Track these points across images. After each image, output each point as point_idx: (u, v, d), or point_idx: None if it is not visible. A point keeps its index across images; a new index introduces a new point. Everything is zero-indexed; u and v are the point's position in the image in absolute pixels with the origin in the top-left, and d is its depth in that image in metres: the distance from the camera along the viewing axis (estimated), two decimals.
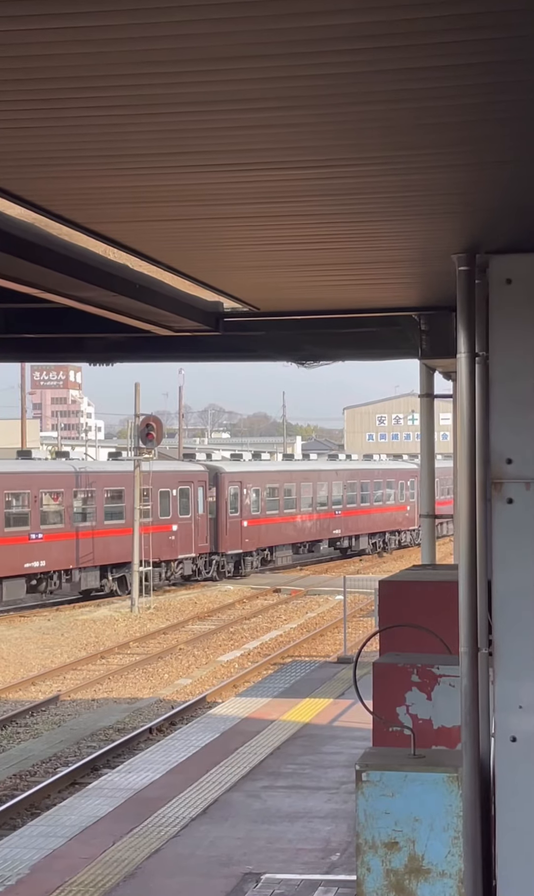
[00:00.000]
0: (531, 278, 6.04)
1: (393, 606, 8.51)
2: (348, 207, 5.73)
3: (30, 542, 33.05)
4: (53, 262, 7.00)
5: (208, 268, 7.55)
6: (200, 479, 41.45)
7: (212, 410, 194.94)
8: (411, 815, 6.24)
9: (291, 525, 47.79)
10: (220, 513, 42.05)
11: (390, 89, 3.91)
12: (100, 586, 36.31)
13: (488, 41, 3.48)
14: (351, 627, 25.56)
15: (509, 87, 3.92)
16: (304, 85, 3.87)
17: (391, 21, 3.31)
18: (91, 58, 3.61)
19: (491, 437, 6.07)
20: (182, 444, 63.74)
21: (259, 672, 23.08)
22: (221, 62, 3.63)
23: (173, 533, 39.21)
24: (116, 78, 3.81)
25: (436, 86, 3.90)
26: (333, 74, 3.76)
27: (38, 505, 33.69)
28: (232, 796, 11.19)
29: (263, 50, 3.54)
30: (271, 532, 45.64)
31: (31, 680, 23.30)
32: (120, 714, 20.26)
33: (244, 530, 43.35)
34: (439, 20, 3.31)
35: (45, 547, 33.50)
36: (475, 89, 3.93)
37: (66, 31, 3.38)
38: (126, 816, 10.56)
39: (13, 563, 32.27)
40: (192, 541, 40.31)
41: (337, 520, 51.39)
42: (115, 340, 11.36)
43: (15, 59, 3.60)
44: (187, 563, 40.60)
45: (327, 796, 11.16)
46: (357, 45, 3.49)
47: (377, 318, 10.63)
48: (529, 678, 5.96)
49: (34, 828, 10.38)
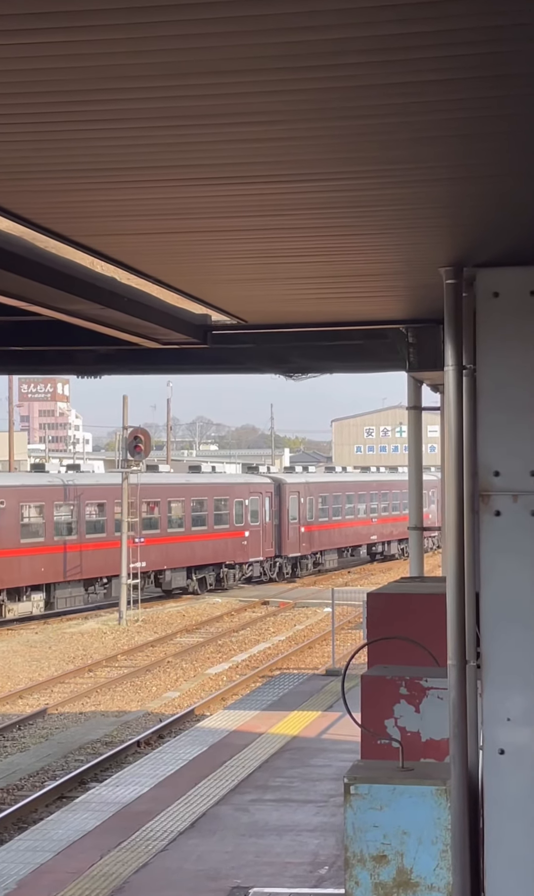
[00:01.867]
0: (518, 292, 6.06)
1: (381, 619, 8.51)
2: (336, 221, 5.75)
3: (134, 546, 37.14)
4: (41, 275, 7.00)
5: (196, 280, 7.57)
6: (267, 490, 46.93)
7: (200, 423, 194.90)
8: (400, 828, 6.23)
9: (338, 531, 52.90)
10: (282, 519, 47.34)
11: (379, 104, 3.93)
12: (185, 585, 41.29)
13: (477, 56, 3.50)
14: (339, 640, 25.54)
15: (497, 102, 3.95)
16: (293, 99, 3.88)
17: (379, 36, 3.32)
18: (80, 72, 3.61)
19: (479, 450, 6.09)
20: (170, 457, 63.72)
21: (247, 685, 23.04)
22: (209, 76, 3.65)
23: (245, 538, 44.55)
24: (105, 92, 3.82)
25: (425, 100, 3.92)
26: (323, 89, 3.78)
27: (140, 513, 38.16)
28: (220, 810, 11.17)
29: (252, 64, 3.56)
30: (322, 537, 51.08)
31: (18, 693, 23.22)
32: (108, 727, 20.20)
33: (301, 535, 48.84)
34: (426, 36, 3.33)
35: (145, 550, 38.07)
36: (464, 104, 3.95)
37: (54, 45, 3.39)
38: (114, 830, 10.52)
39: (118, 564, 36.04)
40: (260, 545, 45.56)
41: (373, 527, 56.15)
42: (103, 353, 11.36)
43: (2, 72, 3.61)
44: (256, 566, 45.62)
45: (316, 809, 11.14)
46: (346, 59, 3.51)
47: (365, 331, 10.66)
48: (517, 690, 5.96)
49: (21, 842, 10.33)
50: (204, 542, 41.89)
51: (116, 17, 3.19)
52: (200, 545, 41.70)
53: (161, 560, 39.60)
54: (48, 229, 5.93)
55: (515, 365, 6.04)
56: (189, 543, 41.21)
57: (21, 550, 33.91)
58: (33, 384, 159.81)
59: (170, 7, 3.12)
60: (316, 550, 50.58)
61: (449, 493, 6.27)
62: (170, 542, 40.28)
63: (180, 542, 40.79)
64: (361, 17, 3.20)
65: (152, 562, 38.91)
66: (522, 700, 5.96)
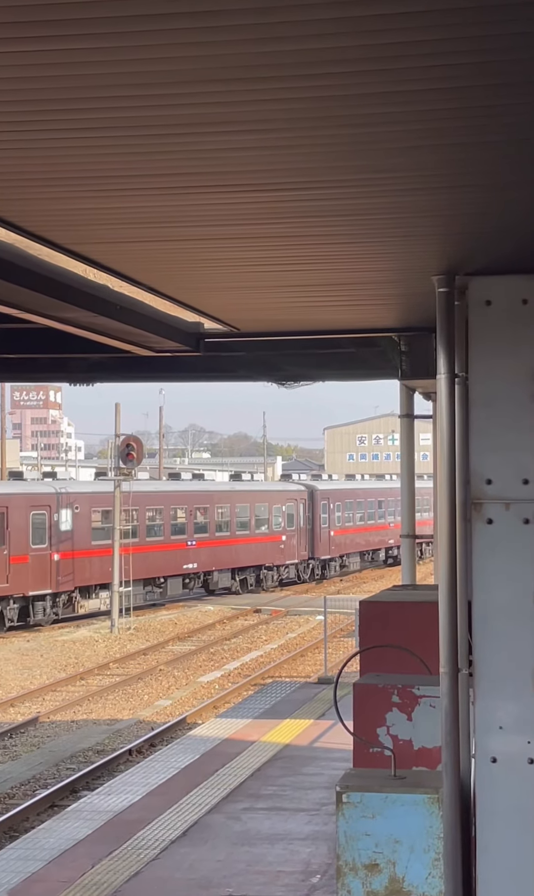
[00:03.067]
0: (510, 300, 6.07)
1: (373, 627, 8.51)
2: (329, 229, 5.76)
3: (186, 548, 41.92)
4: (34, 283, 7.00)
5: (189, 288, 7.57)
6: (301, 497, 50.71)
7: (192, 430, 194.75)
8: (392, 837, 6.23)
9: (360, 536, 56.31)
10: (315, 524, 51.19)
11: (374, 113, 3.94)
12: (229, 586, 44.64)
13: (472, 66, 3.51)
14: (331, 648, 25.52)
15: (492, 111, 3.96)
16: (287, 108, 3.89)
17: (374, 45, 3.33)
18: (74, 80, 3.62)
19: (471, 458, 6.09)
20: (163, 464, 63.70)
21: (239, 693, 23.01)
22: (204, 85, 3.65)
23: (283, 542, 48.26)
24: (97, 100, 3.82)
25: (419, 109, 3.93)
26: (317, 98, 3.79)
27: (192, 518, 42.41)
28: (212, 818, 11.14)
29: (247, 73, 3.57)
30: (347, 541, 54.81)
31: (10, 701, 23.17)
32: (99, 736, 20.16)
33: (331, 539, 52.67)
34: (422, 45, 3.34)
35: (196, 552, 42.41)
36: (459, 113, 3.96)
37: (49, 53, 3.39)
38: (105, 839, 10.50)
39: (174, 565, 40.99)
40: (296, 548, 49.43)
41: (390, 531, 57.94)
42: (96, 361, 11.36)
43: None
44: (292, 568, 49.28)
45: (308, 818, 11.12)
46: (341, 69, 3.52)
47: (358, 339, 10.67)
48: (509, 699, 5.96)
49: (12, 851, 10.30)
50: (247, 545, 45.43)
51: (112, 25, 3.19)
52: (244, 548, 45.23)
53: (210, 562, 43.00)
54: (41, 237, 5.93)
55: (507, 373, 6.05)
56: (234, 546, 44.67)
57: (92, 552, 36.72)
58: (25, 392, 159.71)
59: (166, 16, 3.13)
60: (342, 553, 54.18)
61: (441, 502, 6.27)
62: (217, 545, 43.59)
63: (226, 545, 44.17)
64: (357, 27, 3.21)
65: (203, 563, 42.51)
66: (514, 708, 5.96)
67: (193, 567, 41.78)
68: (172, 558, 40.47)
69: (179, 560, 41.18)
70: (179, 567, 41.12)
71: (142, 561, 38.53)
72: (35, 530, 34.72)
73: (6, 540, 33.55)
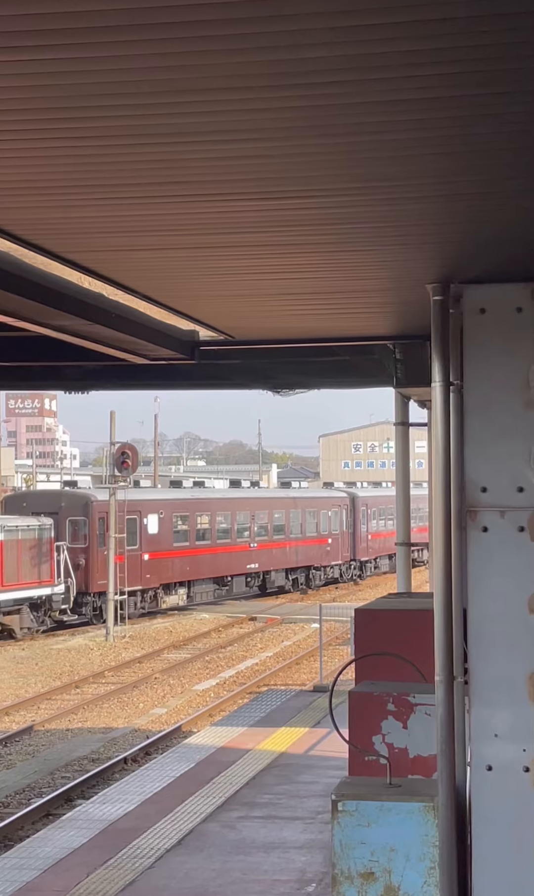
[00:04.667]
0: (504, 308, 6.08)
1: (369, 635, 8.50)
2: (324, 237, 5.77)
3: (250, 550, 46.46)
4: (29, 291, 7.00)
5: (184, 296, 7.58)
6: (344, 503, 55.35)
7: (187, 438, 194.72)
8: (388, 845, 6.22)
9: (390, 539, 61.77)
10: (357, 528, 55.73)
11: (369, 121, 3.95)
12: (283, 584, 48.68)
13: (468, 74, 3.52)
14: (327, 656, 25.50)
15: (484, 120, 3.97)
16: (282, 117, 3.90)
17: (370, 54, 3.34)
18: (69, 89, 3.62)
19: (466, 466, 6.10)
20: (158, 472, 63.67)
21: (235, 701, 22.98)
22: (198, 94, 3.66)
23: (329, 545, 52.82)
24: (92, 109, 3.83)
25: (415, 118, 3.94)
26: (312, 107, 3.80)
27: (254, 522, 46.93)
28: (207, 827, 11.12)
29: (242, 82, 3.57)
30: (379, 545, 58.43)
31: (4, 710, 23.13)
32: (94, 744, 20.13)
33: (369, 542, 57.32)
34: (414, 54, 3.35)
35: (257, 553, 46.69)
36: (454, 122, 3.97)
37: (40, 63, 3.39)
38: (100, 848, 10.47)
39: (239, 565, 45.44)
40: (340, 550, 53.94)
41: (415, 535, 61.88)
42: (91, 369, 11.35)
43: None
44: (336, 568, 53.63)
45: (303, 826, 11.11)
46: (337, 77, 3.52)
47: (353, 347, 10.68)
48: (504, 707, 5.96)
49: (7, 860, 10.28)
50: (298, 547, 50.12)
51: (106, 34, 3.20)
52: (296, 550, 49.97)
53: (269, 562, 47.85)
54: (36, 245, 5.93)
55: (502, 381, 6.06)
56: (288, 548, 49.51)
57: (173, 553, 41.15)
58: (20, 400, 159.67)
59: (161, 25, 3.13)
60: (376, 556, 58.67)
61: (436, 509, 6.28)
62: (274, 547, 48.48)
63: (282, 548, 48.97)
64: (351, 36, 3.22)
65: (263, 564, 47.29)
66: (509, 716, 5.96)
67: (255, 567, 46.40)
68: (237, 559, 45.05)
69: (243, 561, 45.57)
70: (243, 567, 45.56)
71: (212, 561, 43.17)
72: (129, 534, 38.23)
73: (106, 541, 36.18)
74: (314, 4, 3.01)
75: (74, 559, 36.44)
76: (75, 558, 36.51)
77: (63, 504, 37.94)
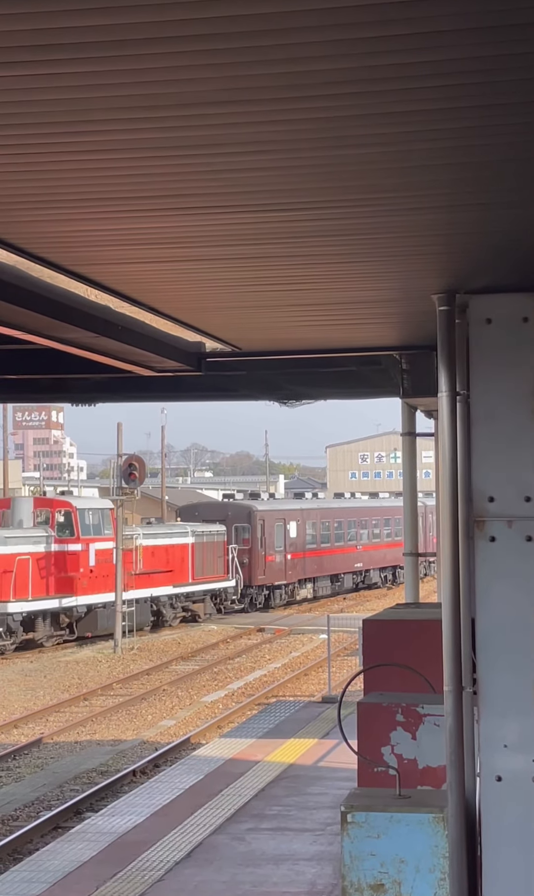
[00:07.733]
0: (511, 318, 6.09)
1: (377, 645, 8.50)
2: (330, 249, 5.78)
3: (356, 551, 55.18)
4: (36, 304, 7.02)
5: (190, 308, 7.59)
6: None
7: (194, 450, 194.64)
8: (397, 857, 6.20)
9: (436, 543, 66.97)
10: (424, 532, 61.40)
11: (374, 133, 3.96)
12: (374, 582, 56.78)
13: (471, 86, 3.53)
14: (335, 666, 25.46)
15: (486, 131, 3.98)
16: (287, 129, 3.91)
17: (370, 67, 3.35)
18: (73, 103, 3.64)
19: (473, 476, 6.10)
20: (165, 484, 63.72)
21: (243, 712, 22.95)
22: (203, 107, 3.67)
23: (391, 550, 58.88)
24: (97, 123, 3.84)
25: (420, 130, 3.95)
26: (317, 119, 3.81)
27: (359, 527, 56.07)
28: (216, 839, 11.10)
29: (246, 95, 3.59)
30: (433, 546, 62.08)
31: (13, 723, 23.11)
32: (103, 756, 20.10)
33: (430, 544, 62.05)
34: (419, 66, 3.36)
35: (360, 555, 55.64)
36: (458, 133, 3.98)
37: (47, 77, 3.41)
38: (110, 861, 10.45)
39: (346, 564, 53.79)
40: (397, 555, 58.64)
41: None
42: (98, 381, 11.38)
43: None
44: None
45: (313, 838, 11.08)
46: (341, 90, 3.54)
47: (359, 358, 10.69)
48: (513, 717, 5.95)
49: (16, 873, 10.26)
50: (387, 549, 57.60)
51: (108, 48, 3.21)
52: (385, 552, 57.59)
53: (369, 562, 56.39)
54: (43, 259, 5.95)
55: (508, 391, 6.06)
56: (381, 550, 57.60)
57: (306, 553, 49.80)
58: (28, 412, 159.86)
59: (164, 39, 3.15)
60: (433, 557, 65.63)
61: (444, 519, 6.28)
62: (372, 549, 56.77)
63: (377, 550, 57.24)
64: (355, 49, 3.23)
65: (365, 563, 55.79)
66: (518, 726, 5.95)
67: (360, 566, 54.93)
68: (347, 559, 53.63)
69: (351, 561, 54.08)
70: (351, 566, 54.09)
71: (330, 561, 51.89)
72: (278, 538, 47.13)
73: (263, 544, 45.54)
74: (314, 18, 3.02)
75: (240, 558, 44.34)
76: (240, 557, 44.43)
77: (229, 513, 46.33)
